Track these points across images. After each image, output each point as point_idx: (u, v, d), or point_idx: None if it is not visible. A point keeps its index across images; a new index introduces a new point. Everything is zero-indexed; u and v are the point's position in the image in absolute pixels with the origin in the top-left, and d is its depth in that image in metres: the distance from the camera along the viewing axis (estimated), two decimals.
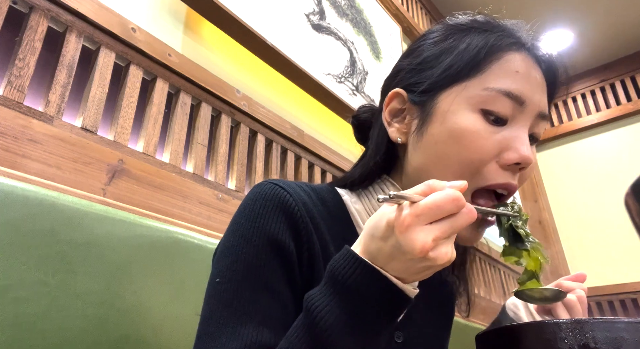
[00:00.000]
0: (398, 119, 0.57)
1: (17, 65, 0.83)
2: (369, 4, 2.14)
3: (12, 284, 0.54)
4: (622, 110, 3.38)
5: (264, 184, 0.51)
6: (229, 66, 1.35)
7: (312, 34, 1.64)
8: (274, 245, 0.47)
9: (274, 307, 0.45)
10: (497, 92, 0.50)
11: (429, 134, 0.52)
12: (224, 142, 1.20)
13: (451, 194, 0.38)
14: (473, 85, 0.51)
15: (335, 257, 0.41)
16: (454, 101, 0.51)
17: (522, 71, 0.51)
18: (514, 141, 0.50)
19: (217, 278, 0.47)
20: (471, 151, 0.49)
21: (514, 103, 0.50)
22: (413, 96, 0.55)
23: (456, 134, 0.50)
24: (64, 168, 0.82)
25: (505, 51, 0.52)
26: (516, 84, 0.50)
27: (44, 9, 0.90)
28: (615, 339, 0.37)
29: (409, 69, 0.57)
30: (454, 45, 0.54)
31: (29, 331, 0.54)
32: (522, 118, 0.51)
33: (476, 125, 0.50)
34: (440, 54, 0.54)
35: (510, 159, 0.50)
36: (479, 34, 0.54)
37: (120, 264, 0.66)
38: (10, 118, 0.77)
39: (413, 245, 0.37)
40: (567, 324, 0.39)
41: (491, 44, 0.52)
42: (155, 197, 0.94)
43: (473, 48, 0.52)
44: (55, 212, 0.61)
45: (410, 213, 0.37)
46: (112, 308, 0.63)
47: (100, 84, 0.96)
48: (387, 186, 0.58)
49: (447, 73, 0.52)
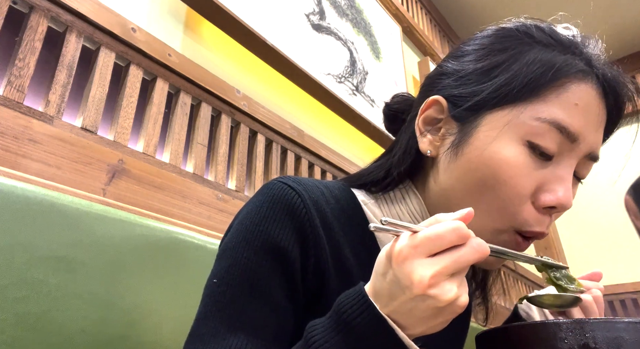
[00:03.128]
0: (432, 130, 0.52)
1: (17, 65, 0.83)
2: (369, 4, 2.14)
3: (12, 284, 0.54)
4: None
5: (273, 183, 0.49)
6: (229, 66, 1.35)
7: (312, 34, 1.64)
8: (275, 252, 0.45)
9: (268, 317, 0.43)
10: (549, 123, 0.44)
11: (464, 156, 0.48)
12: (224, 142, 1.20)
13: (452, 224, 0.35)
14: (524, 112, 0.45)
15: (348, 291, 0.38)
16: (498, 126, 0.46)
17: (582, 104, 0.45)
18: (554, 182, 0.46)
19: (215, 278, 0.46)
20: (508, 186, 0.45)
21: (565, 139, 0.45)
22: (454, 109, 0.50)
23: (495, 164, 0.45)
24: (64, 168, 0.82)
25: (571, 79, 0.46)
26: (572, 118, 0.45)
27: (44, 9, 0.90)
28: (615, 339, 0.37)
29: (456, 77, 0.51)
30: (512, 60, 0.48)
31: (29, 331, 0.54)
32: (569, 156, 0.46)
33: (519, 159, 0.45)
34: (494, 67, 0.48)
35: (546, 202, 0.46)
36: (543, 51, 0.47)
37: (120, 264, 0.66)
38: (10, 118, 0.77)
39: (410, 279, 0.34)
40: (567, 324, 0.39)
41: (557, 69, 0.46)
42: (155, 197, 0.94)
43: (534, 69, 0.46)
44: (55, 212, 0.61)
45: (407, 244, 0.35)
46: (112, 308, 0.63)
47: (100, 84, 0.96)
48: (410, 196, 0.54)
49: (498, 93, 0.46)
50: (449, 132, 0.51)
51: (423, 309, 0.34)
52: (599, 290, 0.60)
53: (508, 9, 3.07)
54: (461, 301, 0.35)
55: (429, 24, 2.96)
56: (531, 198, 0.46)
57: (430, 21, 3.00)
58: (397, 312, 0.35)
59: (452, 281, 0.34)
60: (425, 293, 0.33)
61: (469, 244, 0.35)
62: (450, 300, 0.34)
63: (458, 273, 0.35)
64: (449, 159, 0.49)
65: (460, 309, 0.35)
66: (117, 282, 0.64)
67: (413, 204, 0.53)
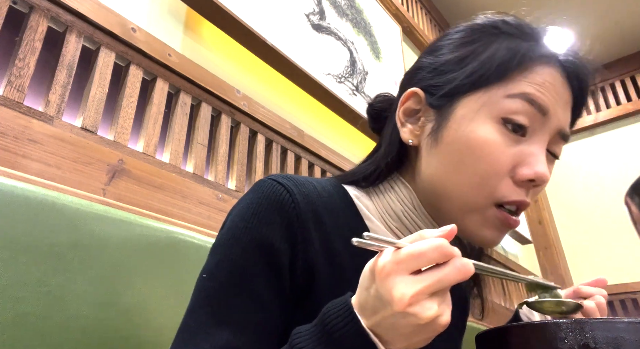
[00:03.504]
0: (412, 120, 0.55)
1: (17, 65, 0.83)
2: (369, 4, 2.14)
3: (12, 284, 0.54)
4: (622, 110, 3.38)
5: (264, 181, 0.50)
6: (229, 66, 1.35)
7: (312, 34, 1.64)
8: (263, 248, 0.45)
9: (254, 313, 0.44)
10: (519, 98, 0.47)
11: (443, 140, 0.50)
12: (224, 142, 1.20)
13: (435, 241, 0.35)
14: (495, 93, 0.48)
15: (335, 301, 0.39)
16: (473, 108, 0.49)
17: (548, 84, 0.49)
18: (530, 156, 0.48)
19: (205, 273, 0.47)
20: (487, 163, 0.47)
21: (536, 111, 0.48)
22: (431, 98, 0.53)
23: (472, 143, 0.48)
24: (64, 168, 0.82)
25: (535, 62, 0.49)
26: (540, 93, 0.48)
27: (44, 9, 0.90)
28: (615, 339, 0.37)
29: (431, 69, 0.55)
30: (481, 49, 0.51)
31: (29, 331, 0.54)
32: (541, 132, 0.49)
33: (495, 136, 0.48)
34: (465, 57, 0.52)
35: (525, 175, 0.48)
36: (509, 40, 0.51)
37: (120, 264, 0.66)
38: (10, 118, 0.77)
39: (391, 295, 0.34)
40: (567, 324, 0.39)
41: (522, 54, 0.49)
42: (155, 197, 0.94)
43: (501, 56, 0.49)
44: (55, 212, 0.61)
45: (390, 260, 0.35)
46: (112, 308, 0.63)
47: (100, 84, 0.96)
48: (399, 185, 0.56)
49: (470, 79, 0.50)
50: (428, 120, 0.53)
51: (404, 325, 0.35)
52: (603, 297, 0.61)
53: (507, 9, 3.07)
54: (442, 320, 0.35)
55: (429, 24, 2.96)
56: (510, 174, 0.48)
57: (430, 21, 3.00)
58: (379, 326, 0.36)
59: (433, 300, 0.35)
60: (406, 311, 0.34)
61: (452, 264, 0.35)
62: (430, 318, 0.34)
63: (441, 292, 0.36)
64: (430, 145, 0.52)
65: (442, 327, 0.35)
66: (117, 282, 0.64)
67: (402, 193, 0.55)
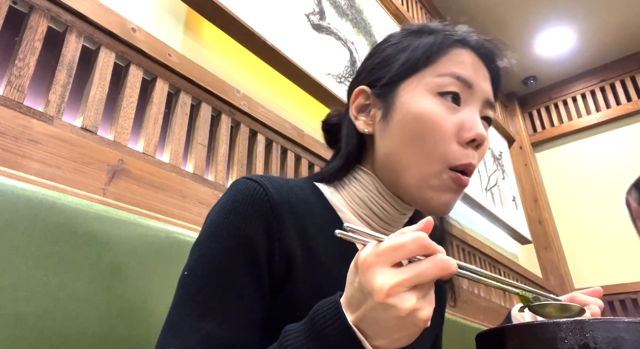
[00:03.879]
0: (364, 114, 0.62)
1: (17, 65, 0.83)
2: (369, 4, 2.14)
3: (12, 284, 0.54)
4: (622, 110, 3.38)
5: (238, 181, 0.53)
6: (229, 66, 1.35)
7: (312, 34, 1.64)
8: (241, 240, 0.48)
9: (235, 302, 0.46)
10: (448, 76, 0.56)
11: (393, 120, 0.57)
12: (224, 142, 1.20)
13: (413, 234, 0.37)
14: (427, 74, 0.57)
15: (325, 300, 0.40)
16: (412, 88, 0.57)
17: (466, 62, 0.58)
18: (468, 121, 0.55)
19: (186, 271, 0.49)
20: (434, 130, 0.54)
21: (463, 85, 0.56)
22: (376, 89, 0.61)
23: (418, 116, 0.55)
24: (64, 168, 0.82)
25: (453, 47, 0.58)
26: (463, 70, 0.57)
27: (44, 9, 0.90)
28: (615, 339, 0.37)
29: (370, 68, 0.63)
30: (409, 44, 0.60)
31: (29, 331, 0.54)
32: (471, 101, 0.57)
33: (436, 107, 0.55)
34: (398, 52, 0.61)
35: (468, 137, 0.55)
36: (429, 35, 0.60)
37: (120, 264, 0.66)
38: (10, 118, 0.77)
39: (372, 286, 0.35)
40: (567, 324, 0.39)
41: (440, 41, 0.59)
42: (155, 197, 0.94)
43: (425, 45, 0.59)
44: (55, 212, 0.61)
45: (371, 252, 0.37)
46: (112, 308, 0.63)
47: (100, 84, 0.96)
48: (361, 175, 0.61)
49: (404, 67, 0.58)
50: (377, 109, 0.61)
51: (385, 318, 0.36)
52: (599, 307, 0.62)
53: (507, 9, 3.07)
54: (422, 314, 0.36)
55: None
56: (455, 138, 0.55)
57: (430, 21, 3.00)
58: (363, 321, 0.37)
59: (412, 293, 0.36)
60: (385, 302, 0.35)
61: (432, 259, 0.36)
62: (408, 310, 0.35)
63: (422, 287, 0.36)
64: (383, 129, 0.59)
65: (423, 322, 0.36)
66: (117, 282, 0.65)
67: (365, 180, 0.61)
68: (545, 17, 3.14)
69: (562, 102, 3.73)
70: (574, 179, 3.48)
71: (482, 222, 2.70)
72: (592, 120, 3.50)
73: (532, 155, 3.65)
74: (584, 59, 3.53)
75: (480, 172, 2.70)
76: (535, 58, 3.51)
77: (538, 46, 3.39)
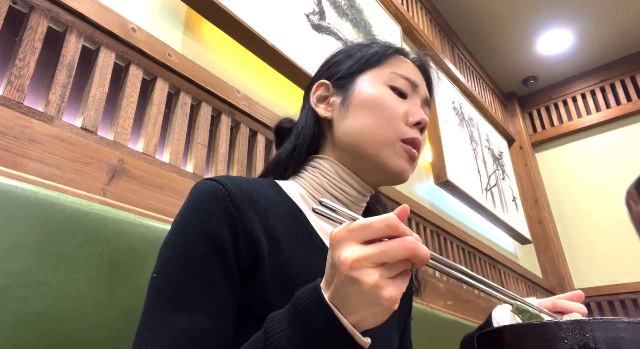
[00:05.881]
0: (324, 103, 0.71)
1: (17, 65, 0.83)
2: (369, 4, 2.14)
3: (12, 284, 0.54)
4: (622, 110, 3.39)
5: (198, 183, 0.56)
6: (229, 66, 1.35)
7: (312, 34, 1.64)
8: (207, 235, 0.50)
9: (207, 294, 0.48)
10: (400, 75, 0.67)
11: (352, 104, 0.66)
12: (224, 142, 1.20)
13: (385, 215, 0.38)
14: (382, 70, 0.68)
15: (307, 285, 0.42)
16: (368, 79, 0.67)
17: (411, 68, 0.70)
18: (413, 109, 0.66)
19: (155, 273, 0.50)
20: (387, 109, 0.64)
21: (411, 85, 0.68)
22: (335, 81, 0.70)
23: (375, 98, 0.65)
24: (64, 168, 0.82)
25: (399, 54, 0.72)
26: (409, 73, 0.69)
27: (44, 9, 0.90)
28: (615, 339, 0.37)
29: (327, 67, 0.74)
30: (360, 50, 0.71)
31: (29, 331, 0.54)
32: (415, 98, 0.68)
33: (388, 94, 0.66)
34: (352, 54, 0.72)
35: (414, 120, 0.65)
36: (378, 45, 0.72)
37: (120, 264, 0.66)
38: (10, 118, 0.77)
39: (338, 258, 0.37)
40: (567, 324, 0.39)
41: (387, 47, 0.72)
42: (155, 197, 0.94)
43: (375, 50, 0.70)
44: (55, 212, 0.61)
45: (343, 228, 0.39)
46: (112, 308, 0.63)
47: (100, 84, 0.96)
48: (319, 162, 0.67)
49: (359, 63, 0.69)
50: (337, 97, 0.69)
51: (352, 292, 0.37)
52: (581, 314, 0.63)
53: (507, 9, 3.07)
54: (385, 293, 0.37)
55: (429, 24, 2.96)
56: (403, 120, 0.65)
57: (430, 21, 3.00)
58: (336, 297, 0.38)
59: (377, 270, 0.37)
60: (349, 274, 0.37)
61: (400, 240, 0.38)
62: (370, 283, 0.36)
63: (389, 267, 0.38)
64: (342, 112, 0.67)
65: (386, 301, 0.37)
66: (117, 282, 0.65)
67: (324, 166, 0.67)
68: (546, 17, 3.14)
69: (562, 102, 3.73)
70: (574, 179, 3.48)
71: (482, 222, 2.70)
72: (592, 120, 3.50)
73: (532, 155, 3.65)
74: (584, 59, 3.53)
75: (481, 172, 2.70)
76: (535, 58, 3.51)
77: (538, 46, 3.39)
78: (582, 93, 3.64)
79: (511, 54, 3.47)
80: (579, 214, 3.36)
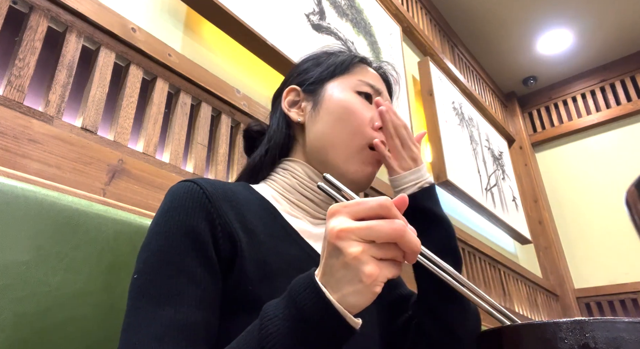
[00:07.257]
0: (295, 107, 0.74)
1: (17, 65, 0.83)
2: (369, 4, 2.14)
3: (12, 284, 0.54)
4: (622, 110, 3.39)
5: (173, 185, 0.58)
6: (229, 66, 1.35)
7: (312, 34, 1.64)
8: (184, 231, 0.51)
9: (190, 287, 0.48)
10: (366, 83, 0.72)
11: (322, 109, 0.70)
12: (224, 142, 1.20)
13: (380, 197, 0.40)
14: (349, 78, 0.73)
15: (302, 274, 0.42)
16: (337, 85, 0.71)
17: (374, 76, 0.75)
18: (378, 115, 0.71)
19: (135, 274, 0.50)
20: (355, 114, 0.68)
21: (375, 91, 0.73)
22: (306, 87, 0.73)
23: (343, 104, 0.69)
24: (64, 168, 0.82)
25: (363, 63, 0.76)
26: (373, 81, 0.74)
27: (44, 9, 0.90)
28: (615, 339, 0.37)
29: (297, 74, 0.76)
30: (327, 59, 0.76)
31: (29, 331, 0.54)
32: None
33: (355, 100, 0.70)
34: (321, 62, 0.75)
35: (379, 124, 0.70)
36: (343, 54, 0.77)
37: (120, 264, 0.66)
38: (10, 118, 0.77)
39: (327, 227, 0.39)
40: (567, 324, 0.39)
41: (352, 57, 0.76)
42: (155, 197, 0.94)
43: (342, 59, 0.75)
44: (55, 212, 0.61)
45: (339, 204, 0.41)
46: (112, 308, 0.63)
47: (100, 84, 0.96)
48: (290, 165, 0.69)
49: (327, 70, 0.73)
50: (307, 102, 0.73)
51: (336, 265, 0.38)
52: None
53: (507, 9, 3.07)
54: (367, 269, 0.37)
55: (429, 24, 2.96)
56: (370, 124, 0.69)
57: (430, 21, 3.00)
58: (325, 274, 0.39)
59: (362, 244, 0.38)
60: (334, 242, 0.38)
61: (389, 221, 0.39)
62: (352, 254, 0.37)
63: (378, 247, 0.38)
64: (313, 117, 0.71)
65: (367, 277, 0.37)
66: (117, 282, 0.65)
67: (295, 168, 0.69)
68: (545, 17, 3.14)
69: (562, 102, 3.73)
70: (574, 179, 3.48)
71: (482, 222, 2.70)
72: (592, 120, 3.50)
73: (532, 155, 3.65)
74: (584, 59, 3.53)
75: (480, 172, 2.70)
76: (535, 58, 3.51)
77: (538, 46, 3.39)
78: (582, 93, 3.64)
79: (511, 54, 3.47)
80: (579, 214, 3.36)
